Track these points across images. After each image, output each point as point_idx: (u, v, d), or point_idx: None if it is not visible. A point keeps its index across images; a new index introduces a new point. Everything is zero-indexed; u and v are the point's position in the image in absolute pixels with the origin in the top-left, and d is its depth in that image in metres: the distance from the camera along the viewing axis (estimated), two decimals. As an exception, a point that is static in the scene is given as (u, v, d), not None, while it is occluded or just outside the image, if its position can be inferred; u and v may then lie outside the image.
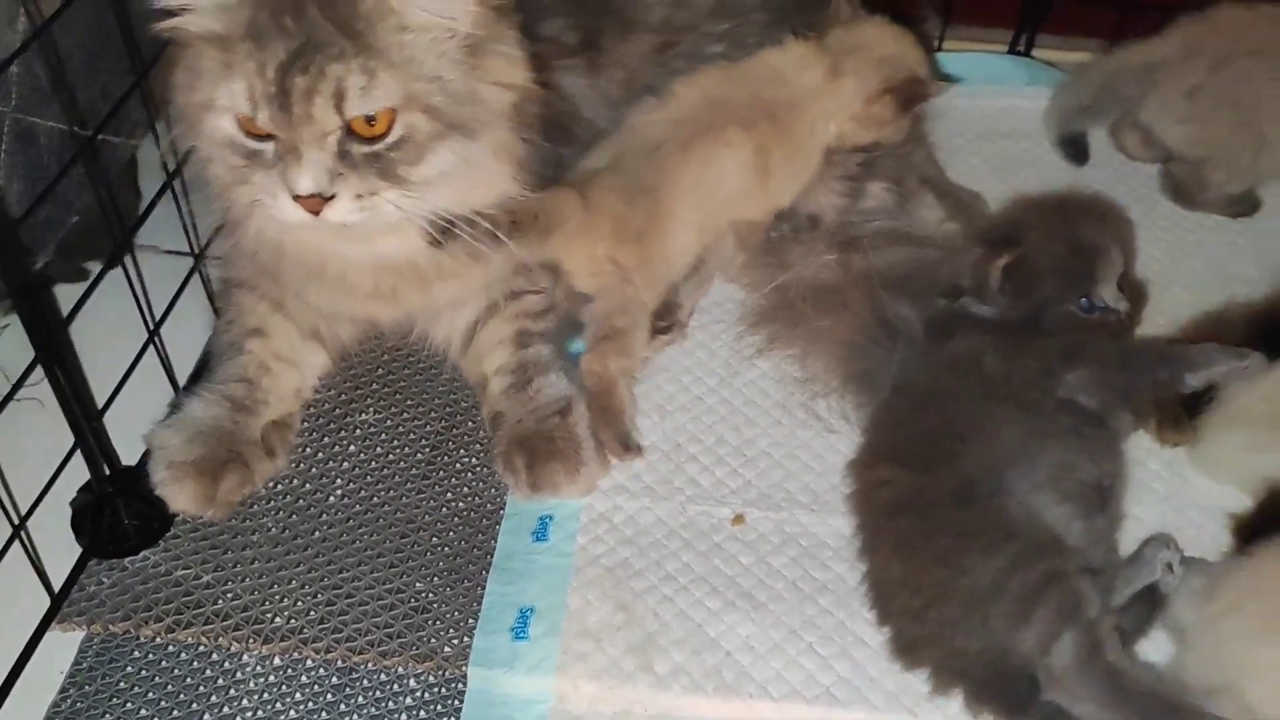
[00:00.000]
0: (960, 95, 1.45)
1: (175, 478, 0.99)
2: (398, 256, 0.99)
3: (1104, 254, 1.04)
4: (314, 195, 0.87)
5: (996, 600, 0.86)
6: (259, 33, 0.83)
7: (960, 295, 1.05)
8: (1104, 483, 0.95)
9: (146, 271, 1.12)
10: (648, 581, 0.98)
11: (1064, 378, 0.98)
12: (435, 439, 1.09)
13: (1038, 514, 0.90)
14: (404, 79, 0.87)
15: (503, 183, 0.97)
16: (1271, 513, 0.95)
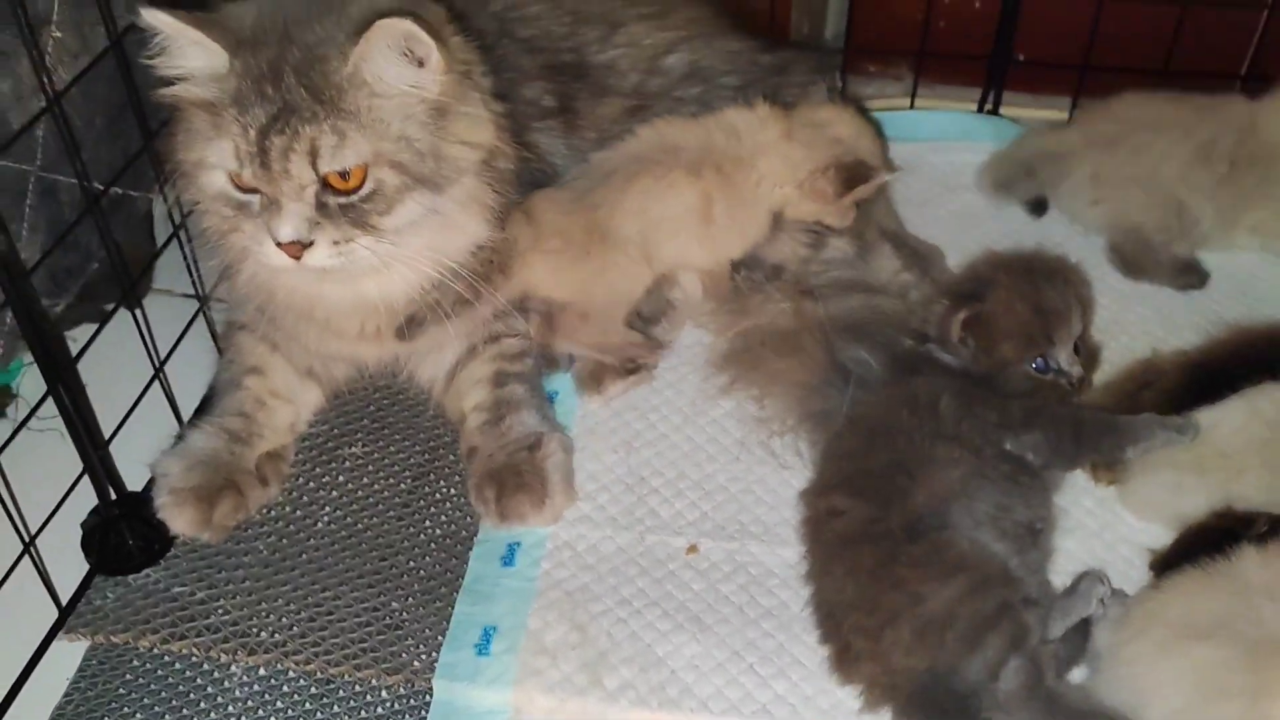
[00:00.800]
0: (930, 151, 1.54)
1: (175, 503, 1.08)
2: (379, 299, 1.08)
3: (1064, 319, 1.08)
4: (294, 242, 0.97)
5: (951, 626, 0.92)
6: (243, 99, 0.94)
7: (927, 341, 1.11)
8: (1036, 526, 1.02)
9: (161, 312, 1.23)
10: (604, 605, 1.05)
11: (1022, 437, 1.04)
12: (417, 470, 1.18)
13: (985, 548, 0.97)
14: (373, 139, 0.96)
15: (473, 230, 1.07)
16: (1185, 549, 1.00)
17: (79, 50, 1.08)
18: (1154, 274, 1.34)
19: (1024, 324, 1.08)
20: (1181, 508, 1.05)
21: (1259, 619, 0.87)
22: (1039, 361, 1.08)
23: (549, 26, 1.25)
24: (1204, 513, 1.03)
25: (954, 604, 0.92)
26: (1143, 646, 0.90)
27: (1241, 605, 0.88)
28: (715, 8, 1.37)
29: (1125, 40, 1.53)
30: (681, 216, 1.20)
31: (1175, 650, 0.88)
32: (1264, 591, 0.88)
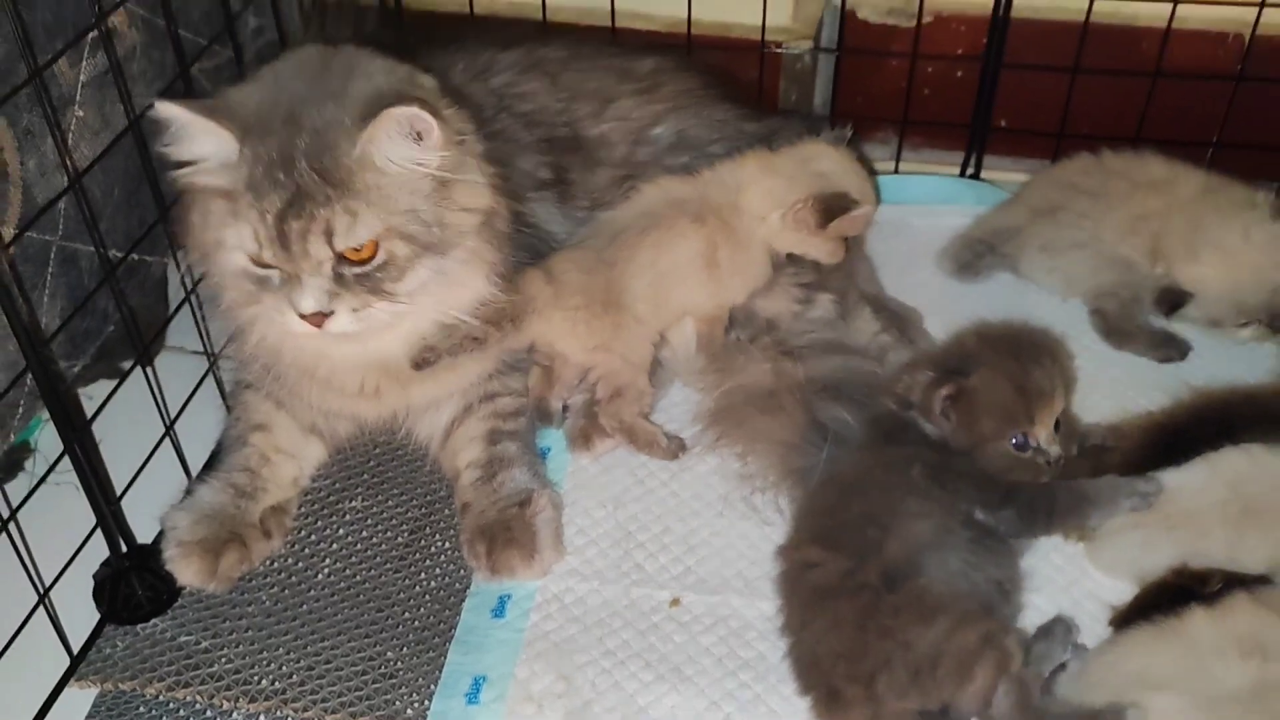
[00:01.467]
0: (915, 215, 1.59)
1: (183, 555, 1.13)
2: (384, 356, 1.14)
3: (1046, 399, 1.09)
4: (316, 313, 1.03)
5: (940, 664, 0.96)
6: (257, 185, 1.00)
7: (910, 408, 1.14)
8: (1004, 586, 1.06)
9: (173, 370, 1.29)
10: (589, 655, 1.10)
11: (998, 514, 1.08)
12: (414, 524, 1.23)
13: (960, 589, 1.02)
14: (383, 215, 1.03)
15: (478, 286, 1.13)
16: (1144, 606, 1.05)
17: (100, 128, 1.15)
18: (1135, 344, 1.38)
19: (1006, 403, 1.09)
20: (1147, 564, 1.10)
21: (1209, 676, 0.91)
22: (1018, 438, 1.09)
23: (546, 102, 1.32)
24: (1164, 570, 1.07)
25: (940, 643, 0.97)
26: (1103, 697, 0.94)
27: (1193, 662, 0.92)
28: (705, 79, 1.44)
29: (1101, 108, 1.59)
30: (689, 263, 1.26)
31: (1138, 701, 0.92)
32: (1212, 650, 0.93)
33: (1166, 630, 0.95)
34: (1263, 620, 0.94)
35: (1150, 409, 1.26)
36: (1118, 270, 1.38)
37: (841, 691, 0.99)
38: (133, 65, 1.19)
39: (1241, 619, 0.95)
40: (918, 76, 1.64)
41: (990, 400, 1.09)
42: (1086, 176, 1.44)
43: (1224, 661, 0.91)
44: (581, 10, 1.63)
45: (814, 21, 1.65)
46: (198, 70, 1.28)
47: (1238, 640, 0.92)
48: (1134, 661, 0.96)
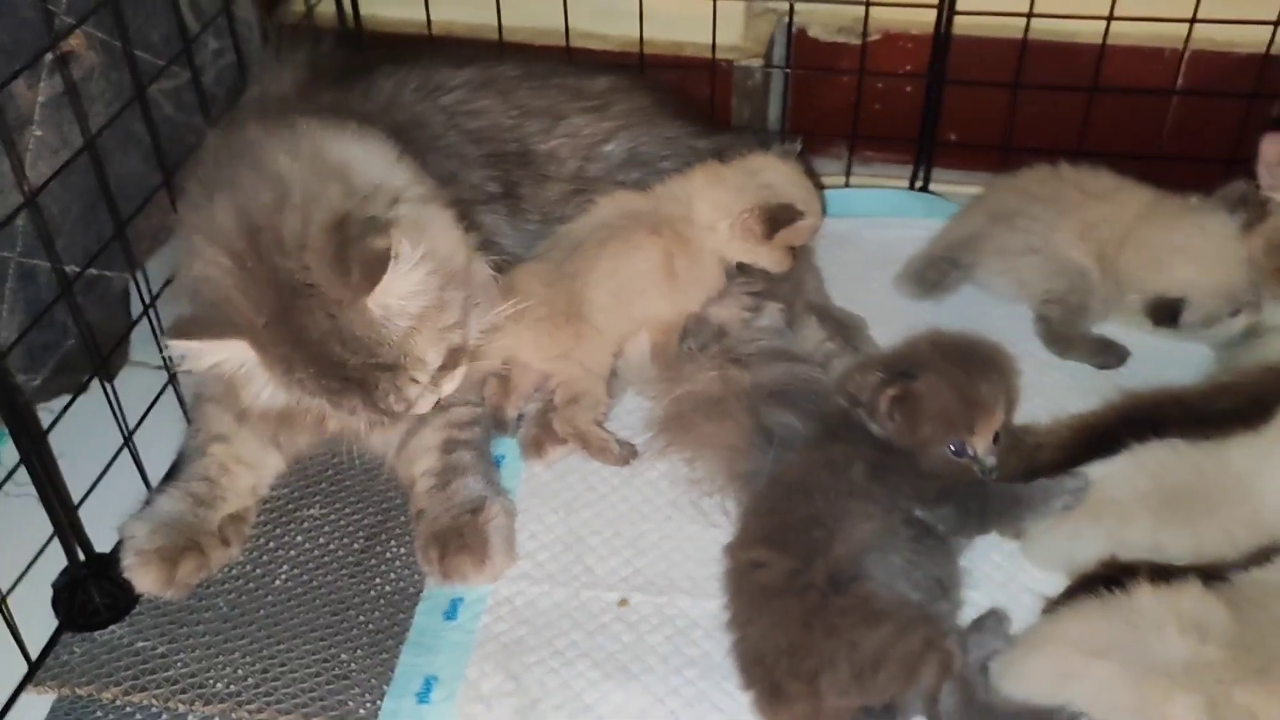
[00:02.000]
0: (865, 227, 1.63)
1: (141, 563, 1.16)
2: None
3: (988, 411, 1.12)
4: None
5: (884, 666, 0.99)
6: (294, 370, 1.05)
7: (858, 406, 1.17)
8: (944, 583, 1.09)
9: (136, 383, 1.32)
10: (538, 656, 1.12)
11: (934, 511, 1.12)
12: (370, 531, 1.26)
13: (903, 594, 1.05)
14: (434, 353, 1.08)
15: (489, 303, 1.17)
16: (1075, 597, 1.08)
17: (59, 146, 1.18)
18: (1076, 351, 1.42)
19: (949, 410, 1.12)
20: (1078, 555, 1.13)
21: (1146, 647, 0.95)
22: (957, 445, 1.12)
23: (497, 119, 1.36)
24: (1094, 562, 1.10)
25: (885, 645, 1.00)
26: (1044, 661, 0.98)
27: (1132, 633, 0.96)
28: (657, 97, 1.48)
29: (1046, 122, 1.64)
30: (648, 274, 1.29)
31: (1074, 665, 0.96)
32: (1153, 623, 0.96)
33: (1111, 603, 0.99)
34: (1207, 604, 0.97)
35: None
36: (1069, 277, 1.42)
37: (784, 688, 1.02)
38: (91, 86, 1.22)
39: (1186, 599, 0.98)
40: (868, 92, 1.68)
41: (934, 406, 1.13)
42: (1042, 185, 1.48)
43: (1162, 635, 0.94)
44: (537, 30, 1.67)
45: (765, 40, 1.69)
46: (157, 91, 1.31)
47: (1179, 616, 0.96)
48: (1076, 628, 0.99)
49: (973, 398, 1.13)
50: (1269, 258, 1.27)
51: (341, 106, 1.21)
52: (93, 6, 1.17)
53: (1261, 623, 0.96)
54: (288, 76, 1.30)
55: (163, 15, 1.31)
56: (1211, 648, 0.94)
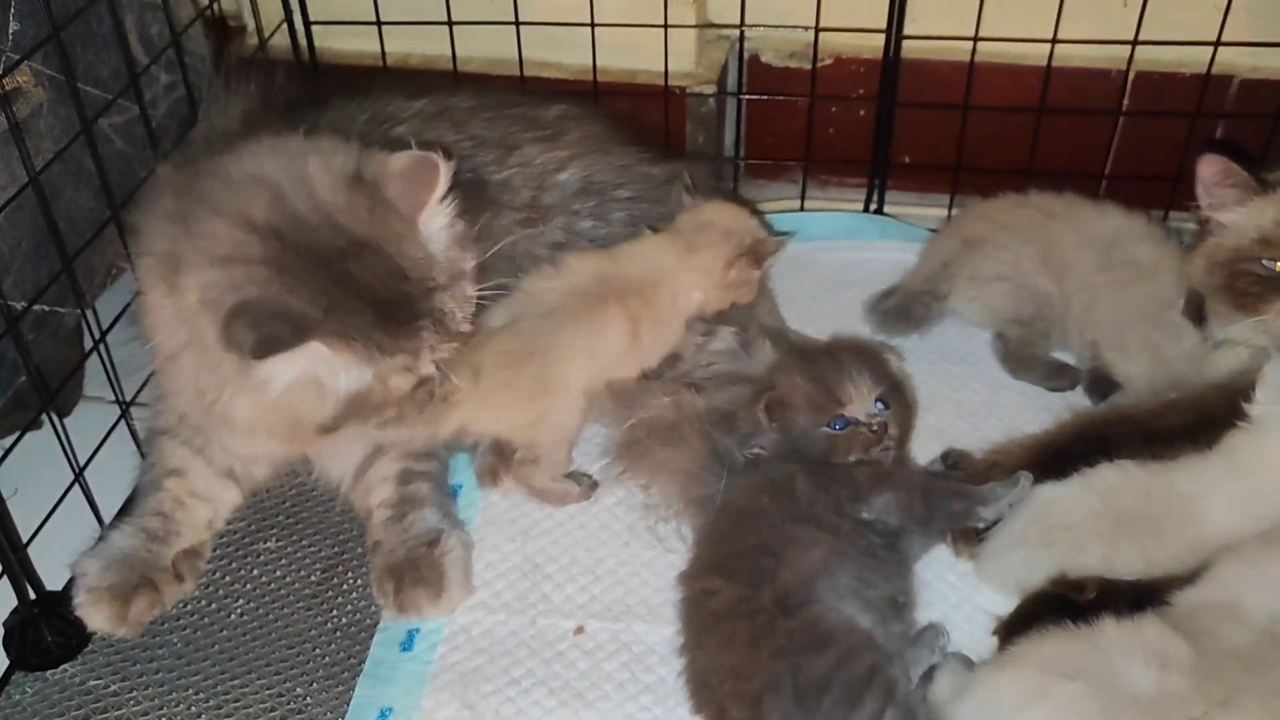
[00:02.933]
0: (820, 249, 1.65)
1: (93, 601, 1.15)
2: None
3: (840, 382, 1.20)
4: None
5: (828, 691, 1.00)
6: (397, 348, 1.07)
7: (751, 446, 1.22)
8: (898, 599, 1.10)
9: (90, 419, 1.32)
10: (494, 685, 1.12)
11: (872, 501, 1.14)
12: (326, 563, 1.25)
13: (851, 619, 1.06)
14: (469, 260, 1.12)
15: None
16: (1026, 614, 1.09)
17: (5, 183, 1.17)
18: (1030, 373, 1.43)
19: (808, 394, 1.20)
20: (1031, 579, 1.14)
21: (1115, 673, 0.95)
22: (836, 420, 1.18)
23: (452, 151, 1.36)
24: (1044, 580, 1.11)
25: (830, 671, 1.01)
26: (1013, 680, 0.98)
27: (1101, 660, 0.97)
28: (610, 125, 1.48)
29: (999, 143, 1.66)
30: (619, 343, 1.28)
31: (1044, 685, 0.96)
32: (1120, 652, 0.97)
33: (1078, 632, 0.99)
34: (1166, 638, 0.98)
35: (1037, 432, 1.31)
36: (1037, 303, 1.43)
37: (728, 710, 1.02)
38: (39, 122, 1.22)
39: (1149, 633, 0.99)
40: (822, 116, 1.70)
41: (795, 397, 1.21)
42: (1008, 212, 1.49)
43: (1130, 664, 0.95)
44: (492, 60, 1.68)
45: (718, 67, 1.71)
46: (107, 125, 1.31)
47: (1143, 647, 0.96)
48: (1045, 650, 0.99)
49: (821, 376, 1.21)
50: (1210, 275, 1.29)
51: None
52: (36, 43, 1.17)
53: (1217, 652, 0.97)
54: (236, 110, 1.31)
55: (112, 50, 1.31)
56: (1175, 679, 0.94)
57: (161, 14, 1.38)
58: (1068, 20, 1.52)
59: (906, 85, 1.63)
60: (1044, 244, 1.43)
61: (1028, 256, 1.43)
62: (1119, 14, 1.56)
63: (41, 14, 1.16)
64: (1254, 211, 1.27)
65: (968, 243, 1.49)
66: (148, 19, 1.38)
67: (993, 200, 1.53)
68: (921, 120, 1.66)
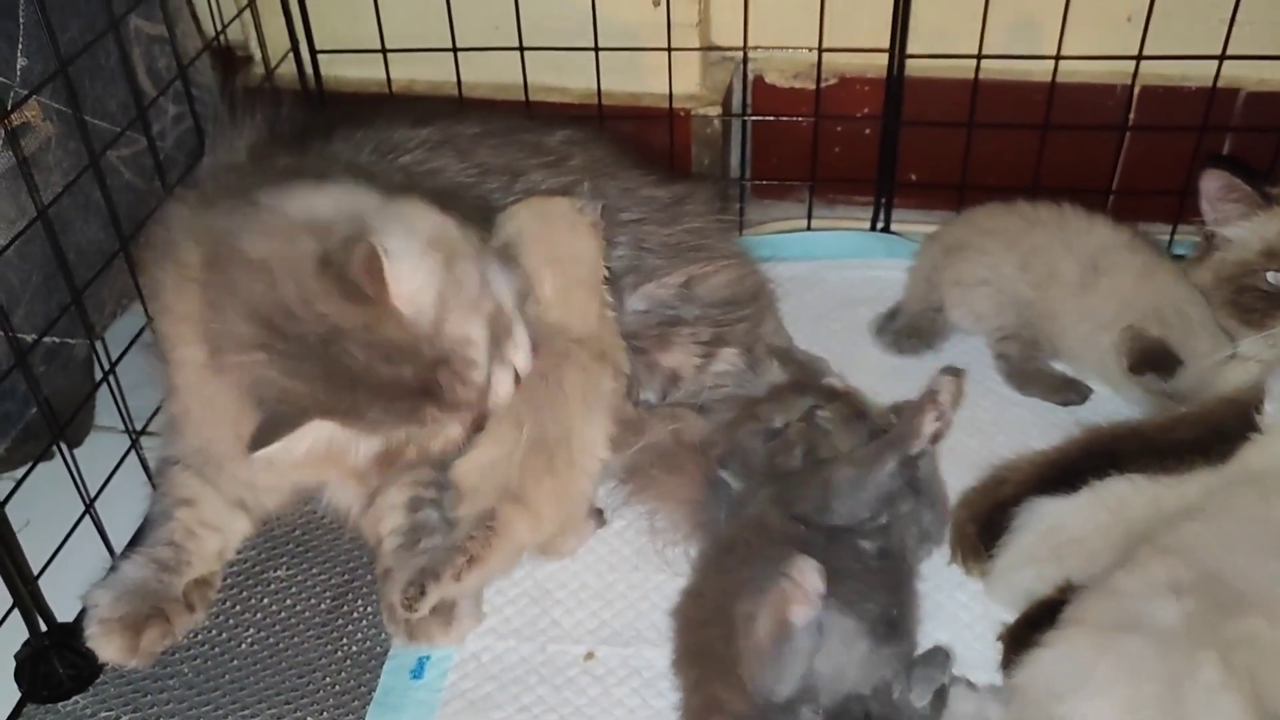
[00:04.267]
0: (827, 268, 1.65)
1: (104, 632, 1.15)
2: None
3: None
4: None
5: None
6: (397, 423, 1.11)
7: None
8: (890, 613, 1.08)
9: (102, 449, 1.32)
10: (505, 712, 1.12)
11: (829, 500, 1.12)
12: (337, 591, 1.25)
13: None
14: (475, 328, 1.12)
15: None
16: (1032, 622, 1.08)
17: (16, 217, 1.18)
18: (1036, 387, 1.42)
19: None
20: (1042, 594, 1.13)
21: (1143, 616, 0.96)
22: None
23: (456, 178, 1.36)
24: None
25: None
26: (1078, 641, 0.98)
27: (1132, 608, 0.97)
28: (613, 148, 1.49)
29: (1006, 159, 1.65)
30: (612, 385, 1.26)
31: (1106, 642, 0.96)
32: (1142, 596, 0.98)
33: (1098, 591, 1.01)
34: (1169, 564, 0.99)
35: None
36: (1021, 311, 1.43)
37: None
38: (49, 156, 1.23)
39: (1155, 569, 1.00)
40: (827, 136, 1.70)
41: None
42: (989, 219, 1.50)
43: (1153, 604, 0.96)
44: (498, 85, 1.69)
45: (722, 88, 1.71)
46: (115, 158, 1.32)
47: (1157, 584, 0.98)
48: (1092, 612, 1.00)
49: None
50: (1217, 290, 1.29)
51: (297, 170, 1.22)
52: (44, 78, 1.18)
53: (1208, 565, 0.99)
54: (243, 141, 1.31)
55: (120, 83, 1.32)
56: (1190, 600, 0.95)
57: (169, 47, 1.39)
58: (1072, 36, 1.52)
59: (911, 103, 1.63)
60: (1026, 250, 1.43)
61: (1008, 262, 1.43)
62: (1123, 29, 1.56)
63: (49, 49, 1.17)
64: (1258, 225, 1.27)
65: (949, 249, 1.50)
66: (155, 52, 1.39)
67: (977, 208, 1.53)
68: (927, 138, 1.66)
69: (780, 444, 1.19)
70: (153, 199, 1.36)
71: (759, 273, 1.49)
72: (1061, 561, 1.13)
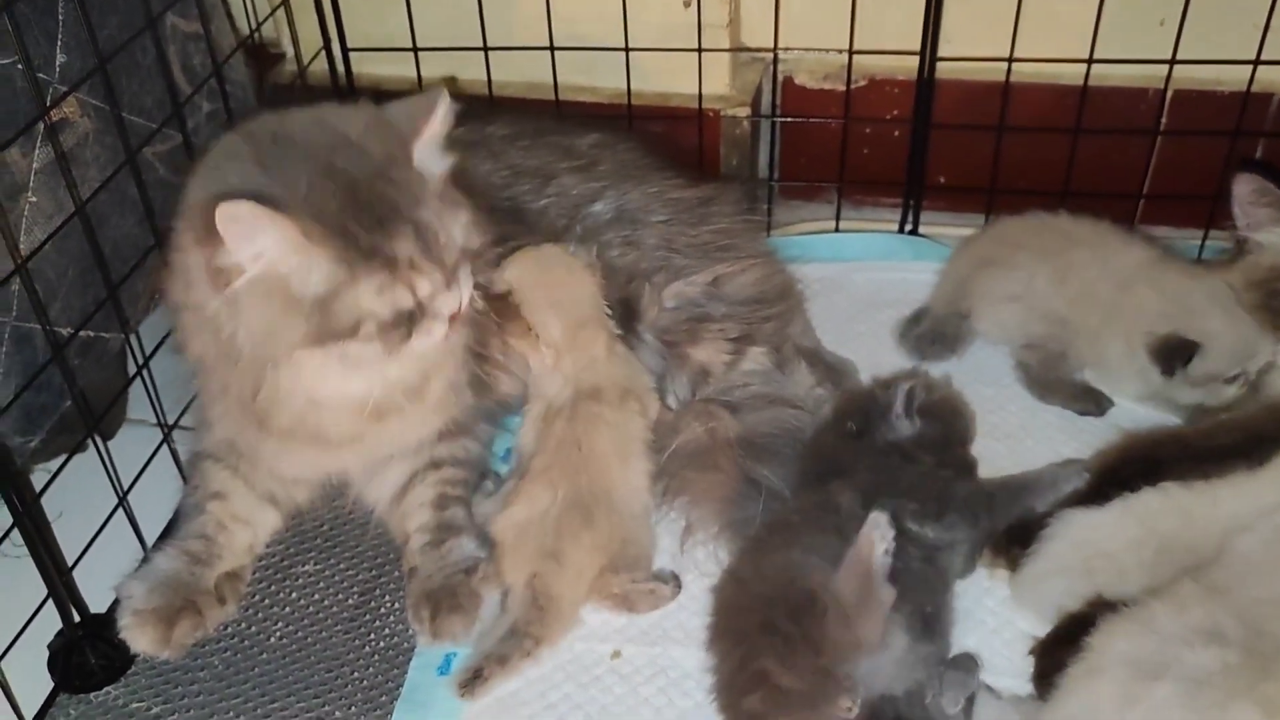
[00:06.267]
0: (855, 270, 1.65)
1: (138, 624, 1.16)
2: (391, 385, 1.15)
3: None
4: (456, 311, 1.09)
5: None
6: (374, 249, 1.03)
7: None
8: (927, 611, 1.09)
9: (134, 441, 1.33)
10: (531, 709, 1.13)
11: (942, 519, 1.13)
12: (364, 587, 1.26)
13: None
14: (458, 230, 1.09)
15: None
16: (1062, 635, 1.08)
17: (53, 212, 1.19)
18: (1057, 397, 1.42)
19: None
20: (1071, 606, 1.12)
21: (1179, 660, 0.94)
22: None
23: (490, 179, 1.37)
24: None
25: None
26: (1105, 687, 0.96)
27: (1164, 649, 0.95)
28: (643, 151, 1.49)
29: (1036, 163, 1.65)
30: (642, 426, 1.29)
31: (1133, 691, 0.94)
32: (1178, 638, 0.96)
33: (1134, 622, 0.99)
34: (1210, 608, 0.97)
35: (1080, 454, 1.30)
36: (1048, 324, 1.42)
37: (749, 707, 1.02)
38: (86, 151, 1.24)
39: (1195, 612, 0.98)
40: (856, 137, 1.70)
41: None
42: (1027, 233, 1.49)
43: (1191, 648, 0.94)
44: (528, 85, 1.69)
45: (752, 89, 1.71)
46: (151, 154, 1.33)
47: (1196, 627, 0.96)
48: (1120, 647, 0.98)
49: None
50: (1248, 293, 1.28)
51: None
52: (83, 75, 1.19)
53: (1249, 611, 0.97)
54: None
55: (156, 80, 1.33)
56: (1231, 652, 0.93)
57: (204, 44, 1.40)
58: (1104, 39, 1.52)
59: (941, 106, 1.63)
60: (1063, 266, 1.41)
61: (1042, 276, 1.42)
62: (1156, 33, 1.55)
63: (87, 46, 1.18)
64: (1290, 230, 1.26)
65: (982, 261, 1.49)
66: (190, 49, 1.41)
67: (1012, 219, 1.52)
68: (956, 141, 1.65)
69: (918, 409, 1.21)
70: (186, 195, 1.37)
71: (786, 273, 1.50)
72: (1091, 575, 1.12)
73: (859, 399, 1.29)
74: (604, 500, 1.21)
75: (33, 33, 1.17)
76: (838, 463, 1.21)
